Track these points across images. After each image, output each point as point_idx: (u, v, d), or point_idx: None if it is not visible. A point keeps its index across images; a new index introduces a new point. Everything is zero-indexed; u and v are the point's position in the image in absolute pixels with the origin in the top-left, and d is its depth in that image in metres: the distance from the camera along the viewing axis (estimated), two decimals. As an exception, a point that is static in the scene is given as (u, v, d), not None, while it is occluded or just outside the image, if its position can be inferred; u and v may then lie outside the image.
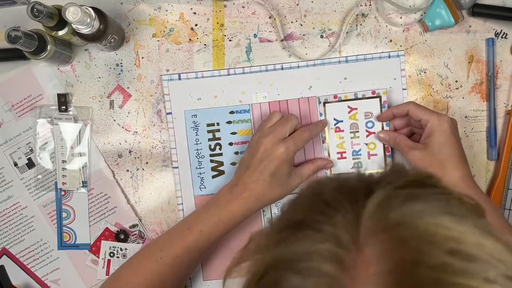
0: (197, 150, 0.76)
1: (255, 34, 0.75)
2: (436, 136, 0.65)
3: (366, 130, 0.75)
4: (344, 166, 0.76)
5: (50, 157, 0.76)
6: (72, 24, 0.62)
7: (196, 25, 0.75)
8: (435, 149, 0.65)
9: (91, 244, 0.76)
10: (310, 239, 0.33)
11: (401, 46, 0.75)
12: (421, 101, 0.76)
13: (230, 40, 0.75)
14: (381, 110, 0.75)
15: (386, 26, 0.75)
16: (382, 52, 0.75)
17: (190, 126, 0.76)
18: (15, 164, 0.76)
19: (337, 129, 0.75)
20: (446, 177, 0.63)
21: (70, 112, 0.75)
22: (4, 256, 0.76)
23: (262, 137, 0.67)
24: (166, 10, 0.75)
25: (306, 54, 0.75)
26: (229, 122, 0.76)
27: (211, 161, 0.76)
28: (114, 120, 0.76)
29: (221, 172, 0.76)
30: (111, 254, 0.76)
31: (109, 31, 0.66)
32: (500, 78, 0.76)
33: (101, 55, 0.76)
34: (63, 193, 0.76)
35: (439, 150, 0.64)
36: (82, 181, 0.75)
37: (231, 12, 0.75)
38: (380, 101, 0.75)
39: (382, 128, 0.75)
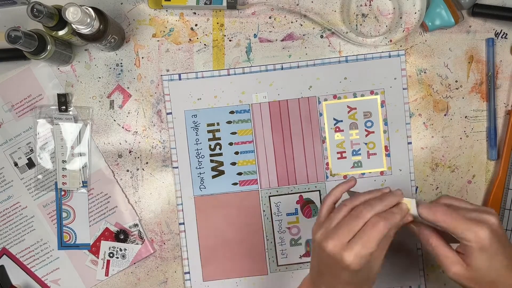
0: (197, 150, 0.76)
1: (255, 34, 0.75)
2: (478, 258, 0.51)
3: (366, 130, 0.75)
4: (344, 166, 0.76)
5: (50, 157, 0.76)
6: (72, 24, 0.62)
7: (196, 25, 0.76)
8: (481, 270, 0.52)
9: (91, 244, 0.76)
10: None
11: (401, 46, 0.75)
12: (421, 101, 0.76)
13: (230, 40, 0.76)
14: (379, 110, 0.75)
15: (386, 26, 0.75)
16: (382, 52, 0.75)
17: (190, 126, 0.76)
18: (15, 164, 0.76)
19: (337, 129, 0.76)
20: None
21: (70, 112, 0.75)
22: (4, 256, 0.77)
23: (323, 240, 0.53)
24: (166, 10, 0.75)
25: (306, 54, 0.75)
26: (229, 122, 0.76)
27: (211, 161, 0.76)
28: (114, 120, 0.76)
29: (221, 172, 0.76)
30: (111, 255, 0.76)
31: (109, 31, 0.66)
32: (500, 78, 0.76)
33: (101, 55, 0.76)
34: (63, 193, 0.76)
35: (486, 271, 0.52)
36: (82, 181, 0.75)
37: (231, 12, 0.75)
38: (379, 100, 0.75)
39: (381, 127, 0.75)
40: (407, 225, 0.56)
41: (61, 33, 0.69)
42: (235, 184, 0.76)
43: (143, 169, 0.76)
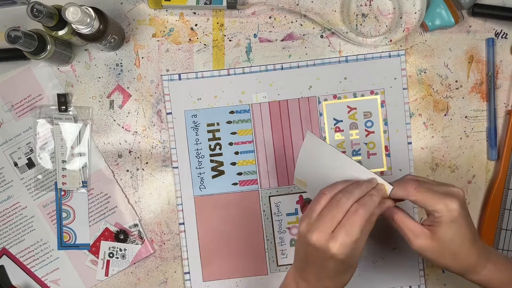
0: (197, 150, 0.76)
1: (255, 34, 0.75)
2: (446, 228, 0.53)
3: (366, 130, 0.75)
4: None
5: (50, 157, 0.76)
6: (72, 24, 0.62)
7: (196, 25, 0.76)
8: (446, 241, 0.54)
9: (91, 244, 0.76)
10: None
11: (401, 46, 0.75)
12: (421, 101, 0.76)
13: (230, 40, 0.76)
14: (379, 110, 0.75)
15: (386, 26, 0.75)
16: (383, 52, 0.75)
17: (190, 126, 0.76)
18: (15, 164, 0.76)
19: (337, 129, 0.76)
20: (460, 266, 0.56)
21: (70, 112, 0.75)
22: (4, 256, 0.77)
23: (308, 232, 0.53)
24: (166, 10, 0.75)
25: (306, 54, 0.75)
26: (229, 122, 0.76)
27: (211, 161, 0.76)
28: (114, 120, 0.76)
29: (221, 172, 0.76)
30: (110, 255, 0.76)
31: (109, 31, 0.66)
32: (500, 78, 0.76)
33: (101, 55, 0.76)
34: (63, 193, 0.76)
35: (451, 243, 0.54)
36: (82, 181, 0.75)
37: (231, 12, 0.75)
38: (379, 100, 0.75)
39: (382, 127, 0.75)
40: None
41: (61, 33, 0.69)
42: (235, 184, 0.76)
43: (143, 169, 0.76)
